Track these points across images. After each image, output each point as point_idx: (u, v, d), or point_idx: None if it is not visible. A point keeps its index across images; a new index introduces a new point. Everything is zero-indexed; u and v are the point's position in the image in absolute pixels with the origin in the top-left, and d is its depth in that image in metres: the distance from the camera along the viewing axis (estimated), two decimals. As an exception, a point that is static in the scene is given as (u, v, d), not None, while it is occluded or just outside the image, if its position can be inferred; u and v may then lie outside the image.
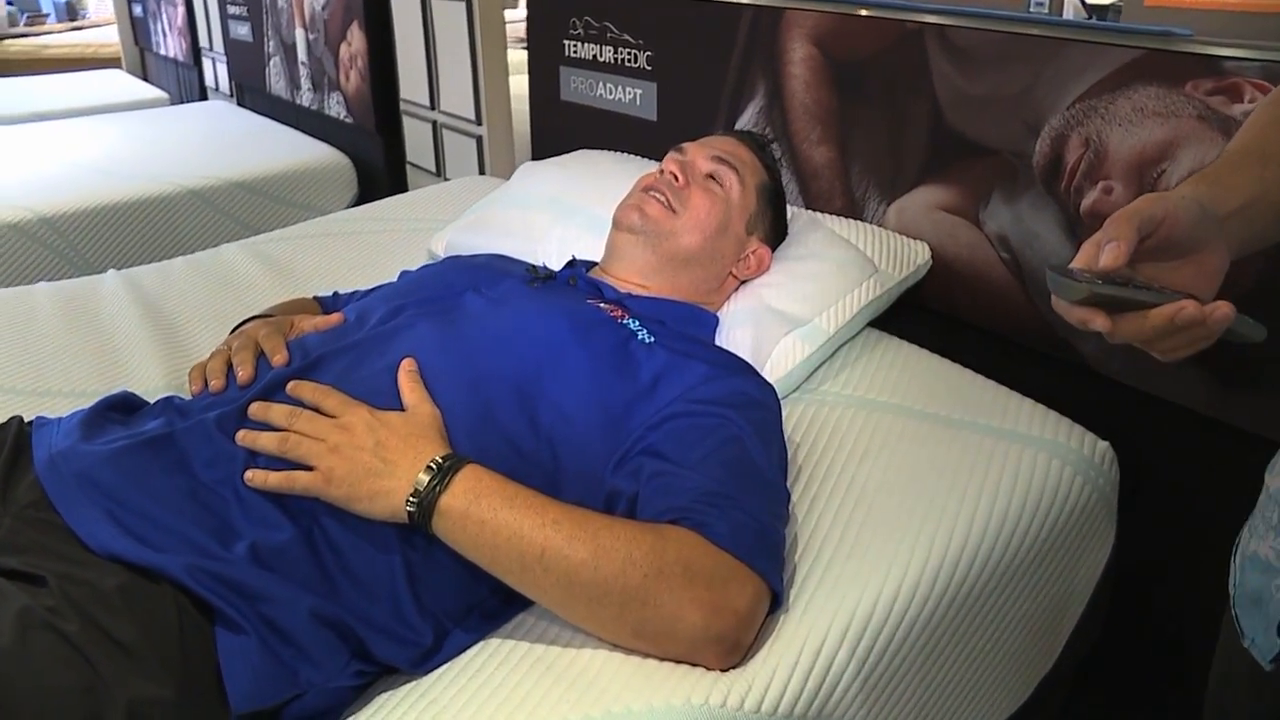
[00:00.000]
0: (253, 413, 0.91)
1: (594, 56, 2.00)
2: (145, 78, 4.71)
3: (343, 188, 2.88)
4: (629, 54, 1.91)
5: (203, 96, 4.16)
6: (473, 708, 0.79)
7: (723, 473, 0.90)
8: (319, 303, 1.32)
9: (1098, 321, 0.64)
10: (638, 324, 1.07)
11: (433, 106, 2.58)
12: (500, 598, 0.89)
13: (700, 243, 1.21)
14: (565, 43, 2.07)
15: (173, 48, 4.33)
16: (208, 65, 4.06)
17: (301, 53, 3.14)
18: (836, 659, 0.86)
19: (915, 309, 1.47)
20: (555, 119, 2.18)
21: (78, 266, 2.41)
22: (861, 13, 1.50)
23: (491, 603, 0.89)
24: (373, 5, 2.68)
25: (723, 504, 0.86)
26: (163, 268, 1.78)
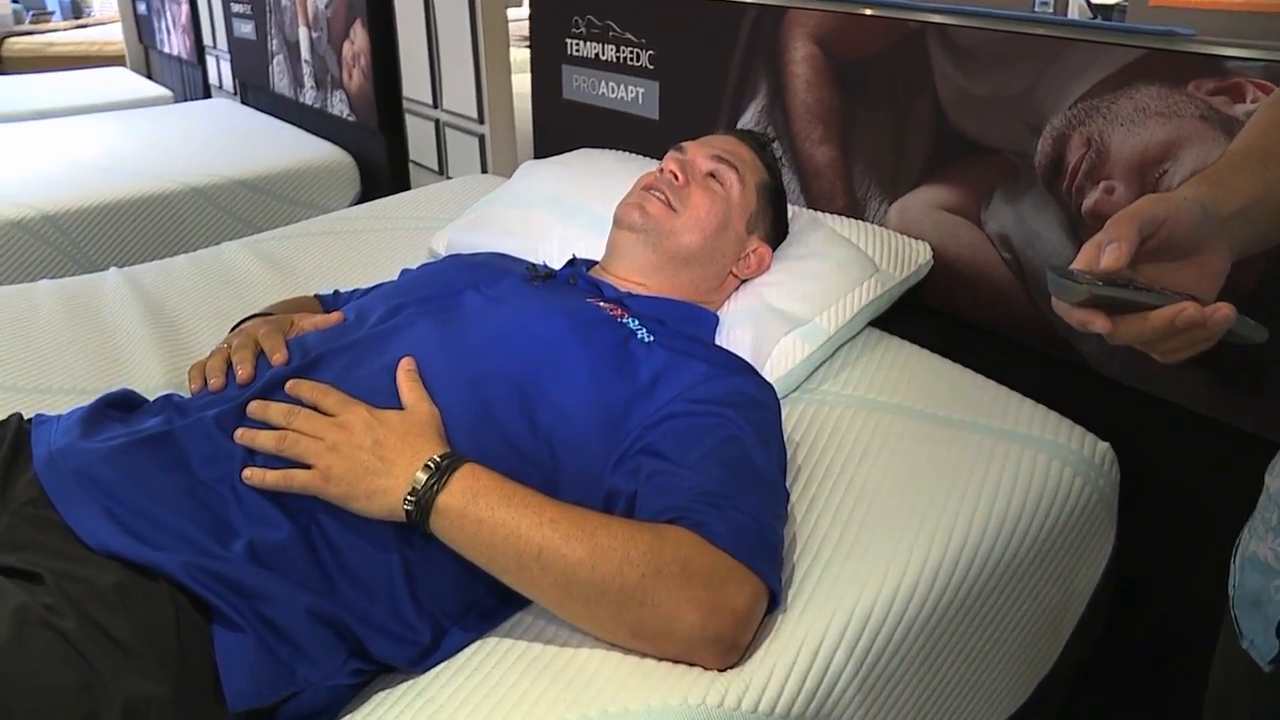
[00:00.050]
0: (251, 411, 0.91)
1: (596, 55, 2.00)
2: (149, 76, 4.72)
3: (345, 186, 2.88)
4: (631, 53, 1.91)
5: (206, 94, 4.17)
6: (470, 707, 0.79)
7: (721, 472, 0.89)
8: (319, 301, 1.32)
9: (1098, 323, 0.64)
10: (637, 323, 1.07)
11: (435, 105, 2.58)
12: (498, 597, 0.89)
13: (700, 241, 1.21)
14: (567, 41, 2.07)
15: (177, 46, 4.33)
16: (211, 63, 4.07)
17: (305, 51, 3.14)
18: (834, 659, 0.86)
19: (916, 309, 1.47)
20: (557, 118, 2.17)
21: (80, 264, 2.41)
22: (865, 12, 1.49)
23: (489, 602, 0.89)
24: (376, 3, 2.68)
25: (721, 504, 0.86)
26: (164, 265, 1.78)
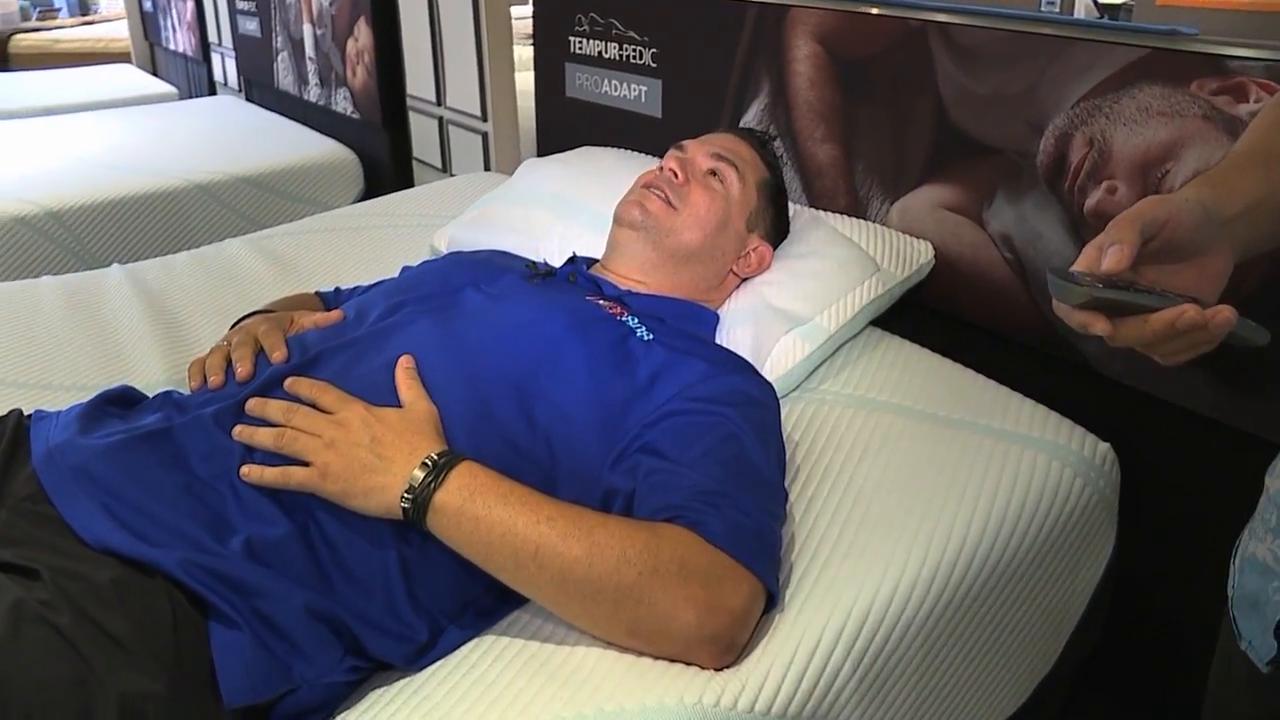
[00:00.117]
0: (250, 408, 0.91)
1: (599, 53, 2.00)
2: (155, 73, 4.73)
3: (349, 183, 2.88)
4: (634, 51, 1.91)
5: (211, 91, 4.17)
6: (466, 704, 0.79)
7: (720, 471, 0.89)
8: (320, 298, 1.32)
9: (1098, 325, 0.64)
10: (636, 321, 1.06)
11: (439, 102, 2.58)
12: (495, 595, 0.89)
13: (700, 239, 1.20)
14: (571, 39, 2.07)
15: (182, 43, 4.34)
16: (216, 60, 4.07)
17: (309, 48, 3.14)
18: (832, 659, 0.86)
19: (918, 308, 1.47)
20: (560, 115, 2.17)
21: (83, 260, 2.42)
22: (872, 11, 1.49)
23: (486, 600, 0.89)
24: (380, 1, 2.68)
25: (719, 503, 0.85)
26: (166, 262, 1.79)
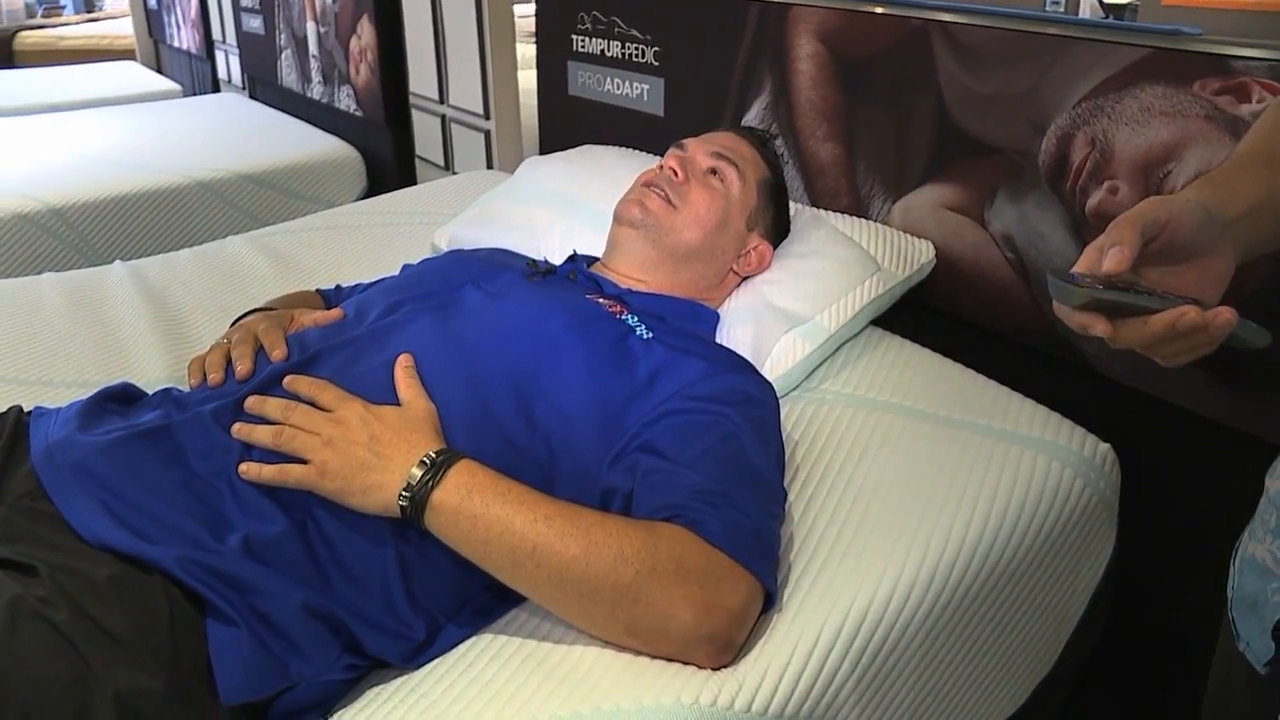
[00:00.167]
0: (249, 406, 0.91)
1: (602, 51, 2.00)
2: (159, 70, 4.74)
3: (351, 181, 2.88)
4: (637, 49, 1.91)
5: (215, 89, 4.18)
6: (463, 703, 0.79)
7: (718, 470, 0.89)
8: (321, 296, 1.32)
9: (1098, 327, 0.63)
10: (636, 319, 1.06)
11: (441, 100, 2.58)
12: (493, 593, 0.89)
13: (700, 238, 1.20)
14: (573, 37, 2.07)
15: (186, 40, 4.35)
16: (220, 58, 4.08)
17: (312, 46, 3.15)
18: (830, 659, 0.86)
19: (919, 308, 1.47)
20: (563, 114, 2.17)
21: (86, 257, 2.42)
22: (875, 10, 1.48)
23: (484, 598, 0.89)
24: (383, -1, 2.68)
25: (718, 502, 0.85)
26: (168, 259, 1.79)
